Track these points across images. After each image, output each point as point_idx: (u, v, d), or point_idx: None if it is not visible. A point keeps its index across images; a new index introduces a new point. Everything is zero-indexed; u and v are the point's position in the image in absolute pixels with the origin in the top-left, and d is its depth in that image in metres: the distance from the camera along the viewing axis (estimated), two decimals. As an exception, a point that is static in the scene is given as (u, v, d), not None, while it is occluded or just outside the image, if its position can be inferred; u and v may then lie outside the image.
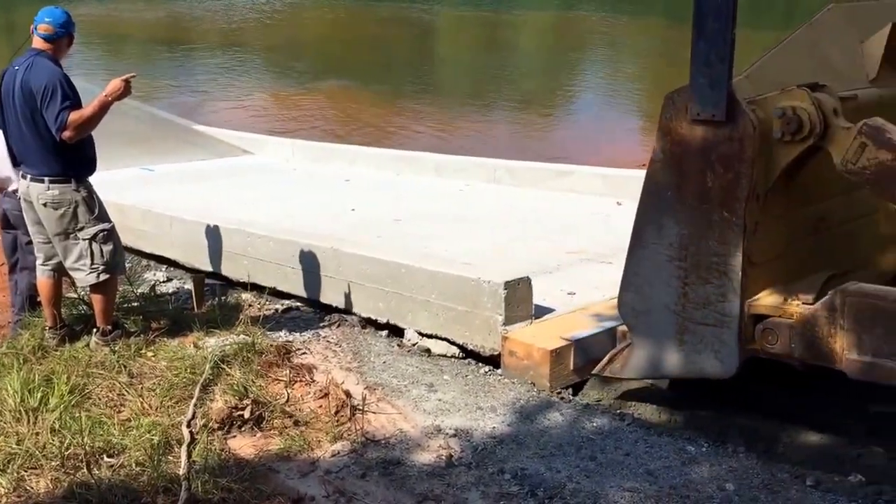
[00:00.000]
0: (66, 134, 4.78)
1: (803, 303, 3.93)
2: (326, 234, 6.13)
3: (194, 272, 6.51)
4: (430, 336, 5.22)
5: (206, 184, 8.78)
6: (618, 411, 4.49)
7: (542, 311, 5.13)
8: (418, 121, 14.50)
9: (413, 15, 29.29)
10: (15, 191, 5.35)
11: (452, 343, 5.12)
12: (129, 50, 21.69)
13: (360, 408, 4.34)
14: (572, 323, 4.97)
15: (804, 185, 4.13)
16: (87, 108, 4.84)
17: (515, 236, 6.77)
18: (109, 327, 5.16)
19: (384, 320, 5.40)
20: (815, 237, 4.33)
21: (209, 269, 6.39)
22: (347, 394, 4.47)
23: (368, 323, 5.53)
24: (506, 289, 4.86)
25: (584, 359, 4.73)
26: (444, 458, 3.98)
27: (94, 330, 5.18)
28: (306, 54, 22.29)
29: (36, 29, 4.98)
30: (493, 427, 4.27)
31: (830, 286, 3.91)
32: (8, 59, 5.15)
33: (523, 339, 4.79)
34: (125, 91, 4.92)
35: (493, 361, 4.96)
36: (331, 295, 5.66)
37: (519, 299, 4.93)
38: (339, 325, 5.52)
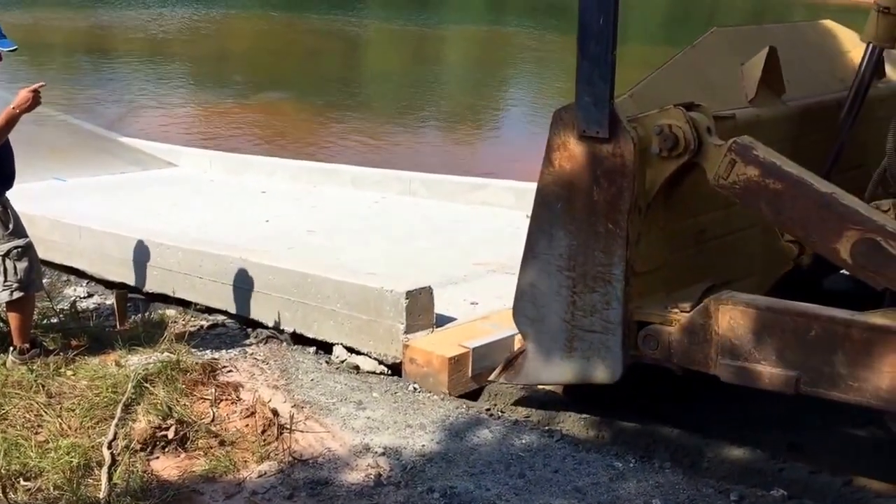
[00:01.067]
0: None
1: (681, 311, 4.16)
2: (237, 245, 6.20)
3: (113, 286, 6.53)
4: (335, 345, 5.35)
5: (120, 194, 8.78)
6: (546, 428, 4.54)
7: (444, 321, 5.29)
8: (345, 134, 14.55)
9: (343, 28, 29.36)
10: None
11: (357, 352, 5.25)
12: (54, 59, 21.32)
13: (288, 427, 4.30)
14: (472, 331, 5.13)
15: (685, 199, 4.35)
16: None
17: (426, 248, 6.93)
18: (27, 345, 5.03)
19: (290, 329, 5.50)
20: (696, 248, 4.55)
21: (118, 279, 6.41)
22: (275, 412, 4.44)
23: (295, 339, 5.52)
24: (407, 298, 5.01)
25: (482, 366, 4.89)
26: (372, 477, 3.99)
27: (11, 348, 5.06)
28: (236, 66, 22.18)
29: None
30: (423, 445, 4.28)
31: (710, 295, 4.14)
32: None
33: (423, 346, 4.94)
34: (34, 102, 4.77)
35: (397, 370, 5.10)
36: (239, 305, 5.74)
37: (420, 308, 5.08)
38: (266, 342, 5.49)
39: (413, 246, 6.94)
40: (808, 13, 29.75)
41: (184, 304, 5.95)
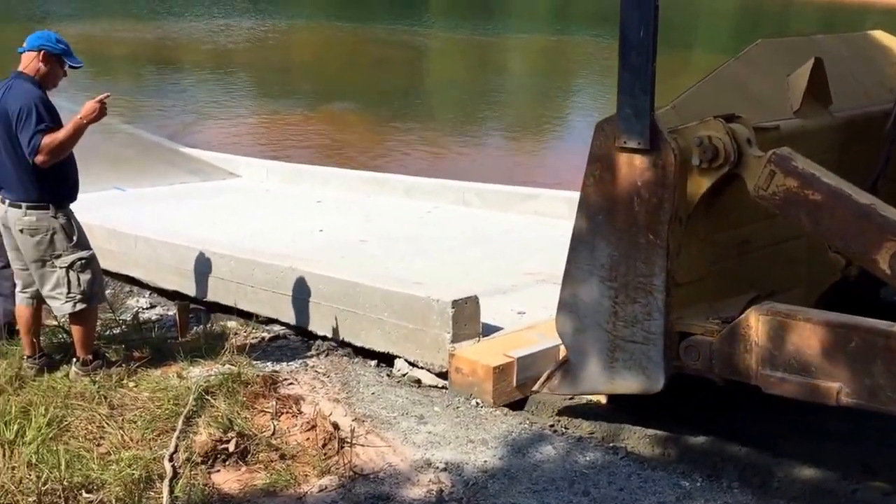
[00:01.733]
0: (39, 158, 4.69)
1: (723, 321, 4.17)
2: (290, 254, 6.34)
3: (167, 294, 6.71)
4: (385, 354, 5.43)
5: (177, 204, 9.01)
6: (611, 444, 4.47)
7: (491, 330, 5.35)
8: (408, 144, 14.64)
9: (407, 37, 29.57)
10: None
11: (406, 361, 5.33)
12: (119, 70, 21.84)
13: (349, 441, 4.27)
14: (518, 341, 5.18)
15: (727, 210, 4.35)
16: (61, 132, 4.73)
17: (476, 257, 7.00)
18: (90, 357, 5.05)
19: (339, 338, 5.61)
20: (739, 259, 4.55)
21: (172, 288, 6.60)
22: (335, 426, 4.41)
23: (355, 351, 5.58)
24: (453, 307, 5.08)
25: (526, 376, 4.94)
26: (434, 493, 3.94)
27: (74, 360, 5.07)
28: (300, 76, 22.46)
29: (20, 50, 4.97)
30: (485, 461, 4.24)
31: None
32: None
33: (469, 356, 5.00)
34: (100, 112, 4.79)
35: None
36: (289, 313, 5.86)
37: (466, 318, 5.15)
38: (327, 355, 5.49)
39: (463, 255, 7.01)
40: (884, 19, 29.21)
41: (245, 315, 5.99)
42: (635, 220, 4.16)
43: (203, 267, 6.35)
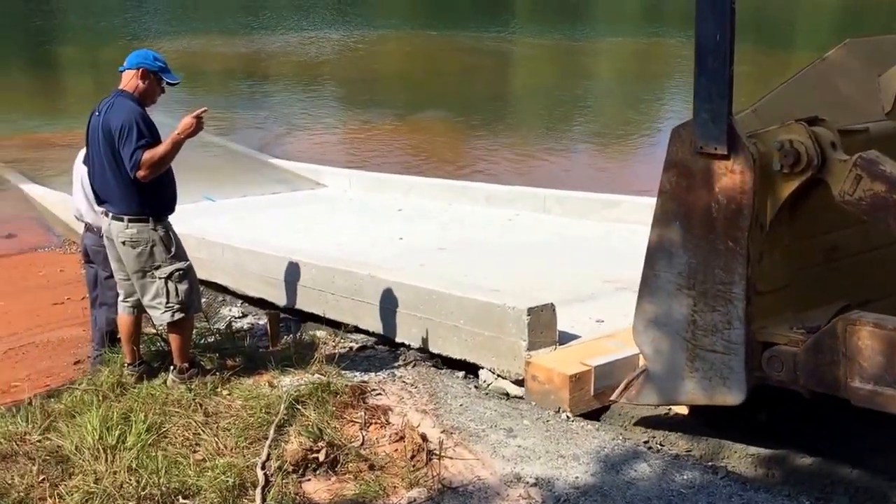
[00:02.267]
0: (140, 173, 4.79)
1: (808, 331, 4.03)
2: (369, 262, 6.38)
3: (251, 301, 6.83)
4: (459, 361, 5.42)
5: (264, 214, 9.17)
6: (710, 463, 4.34)
7: (569, 338, 5.30)
8: (495, 152, 14.58)
9: (493, 44, 29.56)
10: (97, 227, 5.38)
11: (482, 367, 5.31)
12: (210, 83, 22.37)
13: (437, 453, 4.26)
14: (596, 349, 5.11)
15: (813, 216, 4.22)
16: (160, 147, 4.84)
17: (556, 265, 6.93)
18: (186, 365, 5.15)
19: (416, 345, 5.62)
20: (827, 267, 4.40)
21: (257, 295, 6.72)
22: (424, 437, 4.41)
23: (431, 357, 5.57)
24: (529, 315, 5.04)
25: (604, 384, 4.86)
26: None
27: (171, 367, 5.18)
28: (386, 86, 22.60)
29: (121, 69, 5.10)
30: (577, 477, 4.15)
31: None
32: (94, 95, 5.23)
33: (545, 363, 4.95)
34: (197, 127, 4.90)
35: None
36: (368, 320, 5.91)
37: (543, 325, 5.10)
38: (414, 365, 5.51)
39: (543, 263, 6.95)
40: None
41: (334, 324, 6.04)
42: (714, 226, 4.07)
43: (285, 275, 6.45)
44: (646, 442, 4.53)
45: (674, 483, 4.11)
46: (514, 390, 5.15)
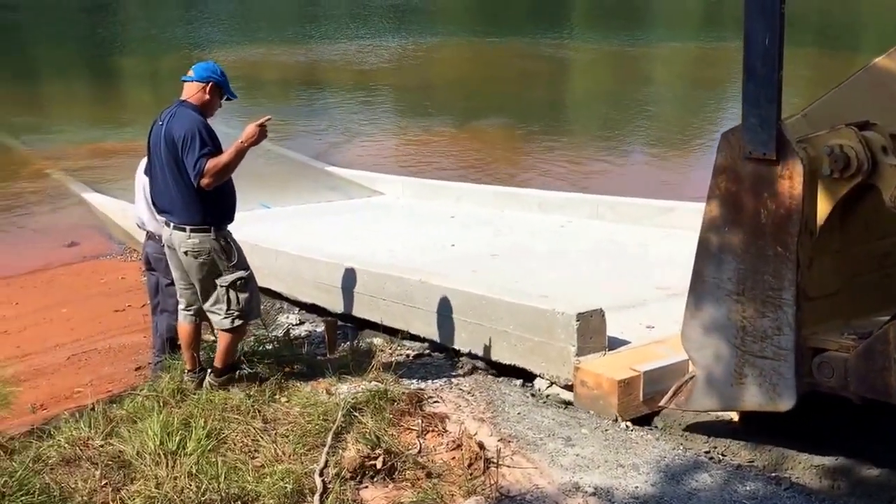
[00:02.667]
0: (204, 181, 4.84)
1: (859, 337, 3.99)
2: (421, 268, 6.44)
3: (305, 307, 6.93)
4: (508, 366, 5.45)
5: (319, 221, 9.28)
6: (773, 474, 4.28)
7: (618, 344, 5.30)
8: (552, 159, 14.51)
9: (550, 51, 29.51)
10: (159, 235, 5.42)
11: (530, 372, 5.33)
12: (268, 92, 22.64)
13: (495, 461, 4.25)
14: (645, 355, 5.10)
15: (866, 221, 4.19)
16: (224, 156, 4.88)
17: (608, 271, 6.93)
18: (224, 368, 5.21)
19: (466, 350, 5.66)
20: (881, 273, 4.36)
21: (310, 301, 6.82)
22: (481, 446, 4.41)
23: (491, 366, 5.57)
24: (578, 320, 5.05)
25: (653, 390, 4.85)
26: None
27: (210, 370, 5.25)
28: (444, 93, 22.62)
29: (184, 79, 5.16)
30: (636, 486, 4.11)
31: None
32: (155, 105, 5.34)
33: (594, 369, 4.96)
34: (260, 136, 4.93)
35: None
36: (419, 325, 5.96)
37: (592, 330, 5.11)
38: (471, 373, 5.51)
39: (594, 269, 6.95)
40: None
41: (390, 331, 6.07)
42: (763, 231, 4.06)
43: (338, 281, 6.53)
44: (707, 452, 4.48)
45: (736, 494, 4.04)
46: (568, 396, 5.14)
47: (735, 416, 4.72)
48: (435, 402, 5.04)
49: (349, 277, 6.44)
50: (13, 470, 4.17)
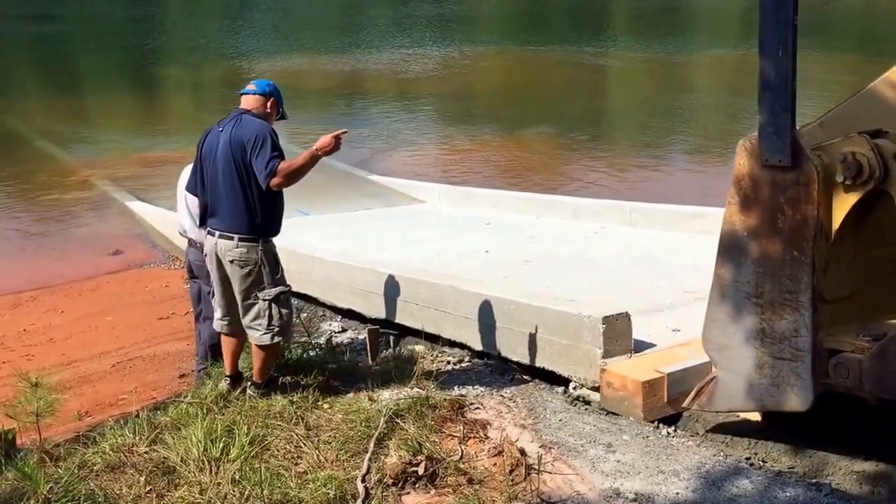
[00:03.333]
0: (275, 181, 4.86)
1: (874, 338, 4.10)
2: (454, 274, 6.61)
3: (342, 313, 7.11)
4: (536, 368, 5.60)
5: (354, 228, 9.49)
6: (813, 480, 4.29)
7: (645, 347, 5.42)
8: (593, 167, 14.64)
9: (592, 59, 29.57)
10: (201, 243, 5.44)
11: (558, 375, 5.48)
12: (316, 101, 22.90)
13: (536, 468, 4.28)
14: (670, 357, 5.22)
15: (881, 227, 4.28)
16: (298, 159, 4.92)
17: (638, 276, 7.05)
18: (263, 383, 5.26)
19: (496, 353, 5.82)
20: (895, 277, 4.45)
21: (345, 306, 7.01)
22: (522, 452, 4.43)
23: (532, 373, 5.62)
24: (604, 323, 5.19)
25: (678, 391, 4.97)
26: None
27: (250, 384, 5.29)
28: (486, 102, 22.75)
29: (244, 92, 5.24)
30: (677, 493, 4.13)
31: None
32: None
33: (620, 371, 5.09)
34: (335, 147, 4.96)
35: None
36: (450, 329, 6.13)
37: (618, 333, 5.25)
38: (512, 380, 5.57)
39: (625, 275, 7.08)
40: None
41: (432, 338, 6.16)
42: (780, 236, 4.18)
43: (372, 286, 6.73)
44: (747, 458, 4.51)
45: (776, 500, 4.07)
46: (595, 397, 5.25)
47: (758, 417, 4.84)
48: (476, 408, 5.10)
49: (383, 283, 6.63)
50: (59, 476, 4.25)
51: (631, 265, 7.40)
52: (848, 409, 4.39)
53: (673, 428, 4.82)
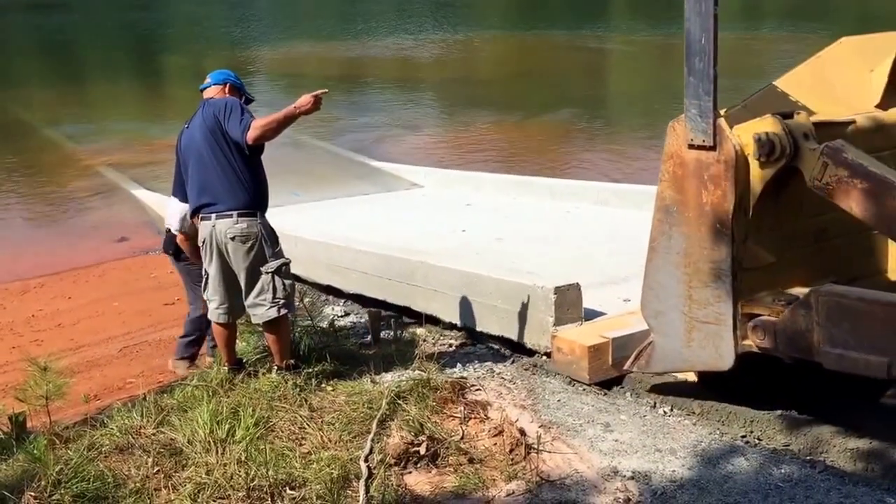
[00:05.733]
0: (251, 134, 4.90)
1: (787, 303, 4.50)
2: (429, 251, 6.99)
3: (336, 293, 7.43)
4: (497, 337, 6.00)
5: (343, 211, 9.78)
6: (808, 458, 4.38)
7: (596, 315, 5.82)
8: (588, 150, 14.82)
9: (587, 43, 29.73)
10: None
11: (513, 342, 5.88)
12: (313, 87, 23.13)
13: (535, 447, 4.37)
14: (617, 324, 5.60)
15: (801, 200, 4.66)
16: (274, 115, 4.97)
17: (602, 252, 7.40)
18: (292, 361, 5.35)
19: (461, 323, 6.22)
20: (817, 247, 4.83)
21: (324, 282, 7.42)
22: (522, 432, 4.55)
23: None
24: (556, 293, 5.59)
25: (622, 355, 5.36)
26: (621, 501, 3.98)
27: (276, 368, 5.34)
28: (482, 87, 22.76)
29: (203, 88, 5.47)
30: (673, 471, 4.22)
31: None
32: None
33: (568, 336, 5.48)
34: (314, 106, 4.98)
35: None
36: (420, 302, 6.53)
37: (569, 303, 5.64)
38: (513, 362, 5.71)
39: (590, 251, 7.45)
40: None
41: (433, 321, 6.36)
42: (704, 210, 4.56)
43: (350, 263, 7.15)
44: (743, 436, 4.63)
45: (771, 477, 4.16)
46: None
47: (693, 377, 5.24)
48: (477, 390, 5.21)
49: (359, 260, 7.04)
50: (69, 458, 4.33)
51: (596, 242, 7.76)
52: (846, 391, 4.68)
53: (670, 407, 4.99)
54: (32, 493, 4.09)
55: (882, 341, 4.08)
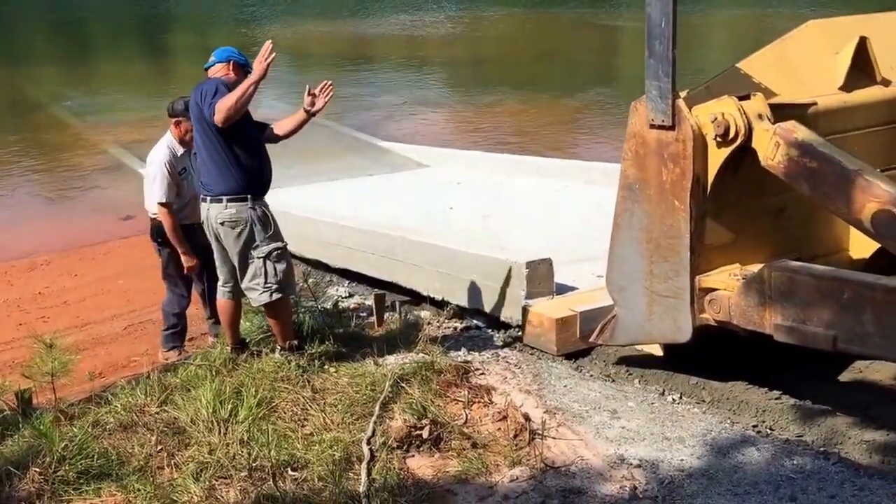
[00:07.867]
0: (217, 117, 4.91)
1: (742, 278, 4.66)
2: (414, 228, 7.15)
3: (323, 268, 7.58)
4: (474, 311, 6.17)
5: (331, 188, 9.85)
6: (822, 449, 4.31)
7: (568, 290, 5.99)
8: (596, 131, 14.88)
9: (597, 21, 29.68)
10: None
11: (485, 314, 6.04)
12: (320, 66, 23.09)
13: (540, 433, 4.36)
14: (586, 298, 5.78)
15: (759, 179, 4.81)
16: (233, 92, 4.95)
17: (583, 229, 7.49)
18: (295, 343, 5.36)
19: (439, 297, 6.40)
20: (775, 225, 4.98)
21: (312, 257, 7.59)
22: (526, 417, 4.53)
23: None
24: (527, 268, 5.77)
25: (589, 328, 5.52)
26: (627, 489, 3.93)
27: (279, 349, 5.37)
28: (489, 67, 22.84)
29: (207, 66, 5.41)
30: (682, 459, 4.17)
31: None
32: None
33: (538, 310, 5.67)
34: (263, 72, 4.91)
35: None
36: (400, 276, 6.73)
37: (540, 277, 5.82)
38: (518, 347, 5.69)
39: (571, 228, 7.58)
40: None
41: (438, 304, 6.35)
42: (664, 188, 4.72)
43: (336, 238, 7.34)
44: (755, 426, 4.58)
45: (783, 468, 4.09)
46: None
47: (659, 351, 5.41)
48: (481, 374, 5.21)
49: (345, 235, 7.23)
50: (73, 435, 4.37)
51: (581, 220, 7.86)
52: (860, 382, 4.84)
53: (679, 395, 4.97)
54: (37, 469, 4.15)
55: (828, 314, 4.24)
